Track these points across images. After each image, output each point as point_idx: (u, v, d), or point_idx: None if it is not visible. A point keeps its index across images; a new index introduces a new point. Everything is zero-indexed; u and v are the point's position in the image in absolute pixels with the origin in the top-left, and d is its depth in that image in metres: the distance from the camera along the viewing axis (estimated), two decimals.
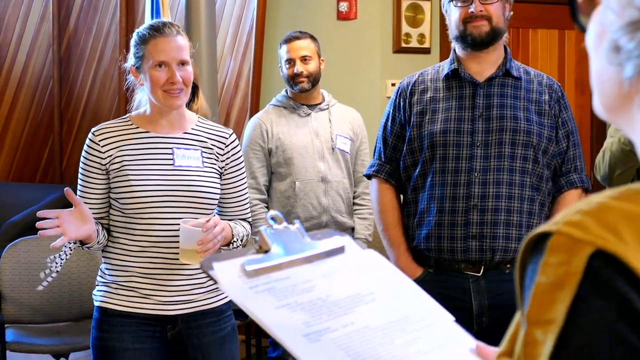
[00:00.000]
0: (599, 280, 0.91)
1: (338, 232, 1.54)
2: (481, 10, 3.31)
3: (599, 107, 1.06)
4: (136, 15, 7.50)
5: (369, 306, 1.40)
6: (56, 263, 3.03)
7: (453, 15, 3.37)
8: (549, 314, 0.93)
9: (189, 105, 4.03)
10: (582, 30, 1.06)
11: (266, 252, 1.40)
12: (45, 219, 2.88)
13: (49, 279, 3.07)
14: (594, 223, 0.93)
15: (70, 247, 3.03)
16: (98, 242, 3.03)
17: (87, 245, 3.02)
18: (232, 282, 1.34)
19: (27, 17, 8.25)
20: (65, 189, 2.91)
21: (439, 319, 1.46)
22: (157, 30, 3.08)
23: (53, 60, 8.13)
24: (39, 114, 8.28)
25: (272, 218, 1.44)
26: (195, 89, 4.08)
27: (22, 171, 8.39)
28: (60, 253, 3.04)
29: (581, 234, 0.93)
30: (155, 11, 5.79)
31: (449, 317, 1.48)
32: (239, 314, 5.14)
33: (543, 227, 0.97)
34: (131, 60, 3.14)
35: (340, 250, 1.49)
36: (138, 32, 3.13)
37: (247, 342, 5.81)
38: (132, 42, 3.14)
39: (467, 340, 1.43)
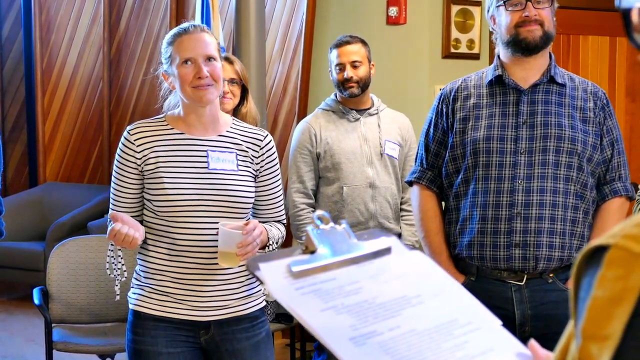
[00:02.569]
0: None
1: (384, 232, 1.52)
2: (535, 15, 3.28)
3: None
4: (186, 18, 7.53)
5: (415, 309, 1.38)
6: (120, 270, 3.08)
7: (504, 20, 3.33)
8: (605, 329, 0.91)
9: (238, 108, 4.04)
10: (639, 48, 1.04)
11: (312, 252, 1.39)
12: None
13: (119, 283, 3.16)
14: None
15: (118, 251, 3.05)
16: None
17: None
18: (278, 283, 1.33)
19: (79, 19, 8.33)
20: (110, 213, 2.93)
21: (486, 323, 1.44)
22: (182, 30, 3.09)
23: (103, 61, 8.20)
24: (89, 115, 8.36)
25: (319, 218, 1.43)
26: (245, 93, 4.09)
27: (70, 171, 8.47)
28: (115, 262, 3.07)
29: None
30: (206, 14, 5.81)
31: (497, 321, 1.46)
32: (284, 317, 5.15)
33: (600, 240, 0.94)
34: (161, 69, 3.15)
35: (386, 251, 1.47)
36: (167, 37, 3.13)
37: (292, 346, 5.80)
38: (162, 47, 3.15)
39: (515, 345, 1.41)
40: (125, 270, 3.14)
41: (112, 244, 3.05)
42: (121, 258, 3.10)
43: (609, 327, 0.90)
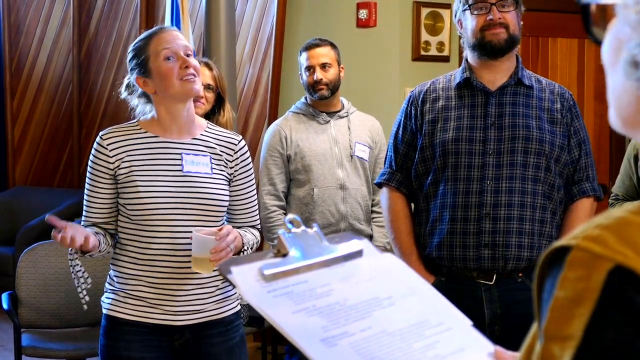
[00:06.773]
0: (618, 297, 0.90)
1: (356, 235, 1.53)
2: (500, 18, 3.31)
3: (615, 121, 1.05)
4: (156, 21, 7.51)
5: (387, 310, 1.39)
6: (82, 278, 3.04)
7: (470, 24, 3.36)
8: (567, 329, 0.92)
9: (216, 118, 4.00)
10: (597, 42, 1.05)
11: (284, 255, 1.40)
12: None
13: (84, 290, 3.08)
14: (613, 238, 0.92)
15: (76, 259, 3.01)
16: (99, 250, 2.99)
17: (89, 254, 2.98)
18: (250, 286, 1.34)
19: (48, 21, 8.29)
20: (46, 217, 2.84)
21: (457, 323, 1.46)
22: (154, 31, 3.08)
23: (73, 64, 8.16)
24: (58, 118, 8.31)
25: (290, 222, 1.44)
26: (221, 102, 4.07)
27: (40, 175, 8.41)
28: (74, 270, 3.03)
29: (601, 249, 0.92)
30: (175, 17, 5.79)
31: (467, 322, 1.48)
32: (255, 320, 5.14)
33: (562, 241, 0.95)
34: (132, 77, 3.08)
35: (358, 254, 1.48)
36: (133, 45, 3.10)
37: (263, 349, 5.79)
38: (129, 57, 3.09)
39: (485, 345, 1.43)
40: (88, 277, 3.08)
41: (70, 254, 3.01)
42: (80, 266, 3.05)
43: (571, 328, 0.91)
